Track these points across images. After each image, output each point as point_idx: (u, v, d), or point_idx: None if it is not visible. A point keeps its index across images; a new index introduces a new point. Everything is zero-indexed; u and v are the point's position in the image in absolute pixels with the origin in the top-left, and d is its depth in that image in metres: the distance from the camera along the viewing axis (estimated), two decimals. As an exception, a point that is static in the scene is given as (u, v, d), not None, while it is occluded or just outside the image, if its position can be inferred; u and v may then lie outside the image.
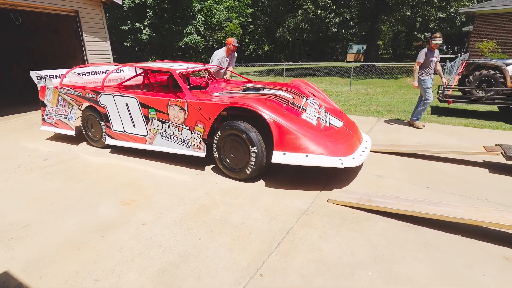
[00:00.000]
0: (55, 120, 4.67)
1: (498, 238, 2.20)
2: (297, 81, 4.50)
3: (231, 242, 2.23)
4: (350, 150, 3.01)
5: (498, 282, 1.80)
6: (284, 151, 2.85)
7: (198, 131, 3.32)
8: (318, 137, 2.94)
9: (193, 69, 4.13)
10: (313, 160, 2.77)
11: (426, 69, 5.04)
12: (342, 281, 1.83)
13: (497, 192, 2.93)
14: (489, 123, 5.57)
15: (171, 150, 3.58)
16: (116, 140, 4.08)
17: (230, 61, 5.38)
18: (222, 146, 3.23)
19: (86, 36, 7.97)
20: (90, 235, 2.34)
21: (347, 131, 3.35)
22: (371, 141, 3.60)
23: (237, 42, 5.33)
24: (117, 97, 3.86)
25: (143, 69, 4.34)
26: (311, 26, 17.55)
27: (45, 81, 4.60)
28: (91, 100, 4.14)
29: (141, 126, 3.76)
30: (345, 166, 2.78)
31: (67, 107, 4.46)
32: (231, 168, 3.24)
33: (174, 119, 3.46)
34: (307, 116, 3.31)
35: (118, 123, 3.98)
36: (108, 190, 3.09)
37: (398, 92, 10.16)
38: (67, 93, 4.36)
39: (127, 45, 19.47)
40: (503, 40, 12.43)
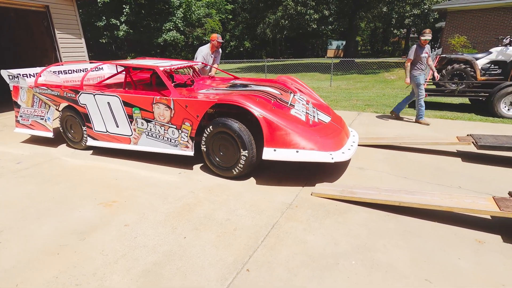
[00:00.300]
0: (30, 121, 4.41)
1: (470, 223, 2.33)
2: (283, 77, 4.48)
3: (217, 239, 2.22)
4: (339, 144, 3.04)
5: (472, 264, 1.90)
6: (274, 148, 2.84)
7: (185, 130, 3.24)
8: (308, 133, 2.94)
9: (177, 66, 4.02)
10: (304, 155, 2.77)
11: (418, 65, 5.13)
12: (327, 271, 1.88)
13: (469, 179, 3.10)
14: (462, 115, 5.85)
15: (158, 150, 3.48)
16: (98, 141, 3.92)
17: (214, 57, 5.28)
18: (211, 144, 3.18)
19: (59, 33, 7.61)
20: (69, 239, 2.25)
21: (335, 126, 3.37)
22: (358, 135, 3.65)
23: (221, 38, 5.26)
24: (98, 96, 3.70)
25: (124, 66, 4.19)
26: (291, 22, 17.65)
27: (18, 80, 4.34)
28: (69, 100, 3.95)
29: (125, 125, 3.63)
30: (336, 161, 2.79)
31: (44, 107, 4.22)
32: (220, 166, 3.19)
33: (160, 118, 3.35)
34: (295, 112, 3.30)
35: (99, 123, 3.82)
36: (87, 192, 2.99)
37: (376, 86, 10.45)
38: (43, 93, 4.13)
39: (103, 42, 18.78)
40: (473, 36, 13.04)
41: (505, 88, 5.40)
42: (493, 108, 5.55)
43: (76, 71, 5.20)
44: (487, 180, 3.07)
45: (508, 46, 5.92)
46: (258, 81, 4.36)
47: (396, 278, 1.80)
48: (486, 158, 3.61)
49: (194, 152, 3.29)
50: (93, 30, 18.10)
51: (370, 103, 7.28)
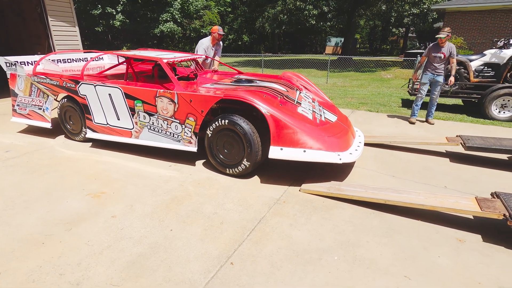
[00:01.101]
0: (28, 111, 4.29)
1: (453, 222, 2.38)
2: (288, 73, 4.37)
3: (203, 232, 2.24)
4: (347, 145, 2.98)
5: (451, 262, 1.95)
6: (281, 146, 2.77)
7: (189, 125, 3.16)
8: (315, 132, 2.86)
9: (181, 59, 3.90)
10: (311, 155, 2.70)
11: (427, 63, 5.02)
12: (310, 265, 1.91)
13: (456, 179, 3.15)
14: (453, 116, 5.91)
15: (160, 145, 3.40)
16: (98, 134, 3.82)
17: (216, 50, 5.17)
18: (215, 140, 3.10)
19: (52, 20, 7.47)
20: (55, 229, 2.25)
21: (342, 126, 3.29)
22: (363, 135, 3.59)
23: (222, 30, 5.10)
24: (99, 87, 3.59)
25: (126, 57, 4.08)
26: (290, 17, 17.54)
27: (16, 68, 4.21)
28: (69, 90, 3.84)
29: (126, 118, 3.54)
30: (343, 162, 2.72)
31: (42, 97, 4.09)
32: (224, 164, 3.13)
33: (163, 112, 3.26)
34: (302, 110, 3.21)
35: (100, 115, 3.72)
36: (76, 182, 2.98)
37: (372, 85, 10.48)
38: (42, 82, 4.00)
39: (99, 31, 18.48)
40: (469, 37, 13.10)
41: (497, 90, 5.46)
42: (484, 110, 5.61)
43: (75, 60, 5.10)
44: (473, 180, 3.12)
45: (502, 48, 5.96)
46: (263, 77, 4.27)
47: (376, 274, 1.84)
48: (473, 159, 3.67)
49: (197, 147, 3.21)
50: (89, 19, 17.78)
51: (364, 101, 7.31)
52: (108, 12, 17.01)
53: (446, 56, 4.85)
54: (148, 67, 4.95)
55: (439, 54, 4.84)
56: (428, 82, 5.14)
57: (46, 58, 4.44)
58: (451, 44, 4.88)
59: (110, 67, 4.42)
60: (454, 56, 4.84)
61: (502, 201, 2.21)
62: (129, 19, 17.80)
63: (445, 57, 4.86)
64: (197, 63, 4.68)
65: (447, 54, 4.83)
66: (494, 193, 2.36)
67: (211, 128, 3.07)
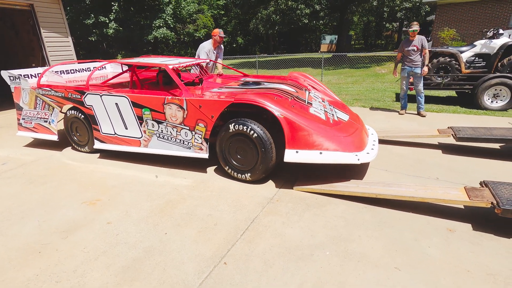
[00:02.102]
0: (33, 124, 4.23)
1: (444, 212, 2.41)
2: (295, 73, 4.30)
3: (197, 234, 2.27)
4: (363, 144, 2.90)
5: (441, 252, 1.98)
6: (296, 149, 2.70)
7: (199, 131, 3.10)
8: (330, 132, 2.78)
9: (186, 64, 3.85)
10: (328, 157, 2.63)
11: (404, 58, 5.26)
12: (302, 262, 1.94)
13: (448, 170, 3.18)
14: (447, 108, 5.95)
15: (170, 153, 3.33)
16: (106, 144, 3.76)
17: (217, 54, 5.12)
18: (227, 146, 3.03)
19: (44, 32, 7.52)
20: (51, 237, 2.28)
21: (355, 124, 3.22)
22: (376, 133, 3.54)
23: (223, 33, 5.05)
24: (105, 97, 3.53)
25: (130, 65, 3.99)
26: (282, 17, 17.61)
27: (20, 81, 4.16)
28: (75, 101, 3.78)
29: (134, 127, 3.47)
30: (361, 162, 2.65)
31: (47, 109, 4.04)
32: (237, 169, 3.06)
33: (172, 119, 3.20)
34: (314, 111, 3.14)
35: (107, 125, 3.65)
36: (72, 191, 3.01)
37: (366, 81, 10.53)
38: (47, 94, 3.95)
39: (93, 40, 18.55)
40: (462, 29, 13.14)
41: (488, 80, 5.50)
42: (477, 101, 5.65)
43: (78, 70, 5.08)
44: (464, 170, 3.15)
45: (491, 39, 6.00)
46: (270, 78, 4.22)
47: (367, 267, 1.87)
48: (465, 150, 3.70)
49: (208, 154, 3.15)
50: (82, 28, 17.84)
51: (358, 98, 7.35)
52: (101, 21, 17.08)
53: (419, 48, 5.10)
54: (151, 74, 4.90)
55: (412, 47, 5.10)
56: (407, 75, 5.33)
57: (50, 70, 4.41)
58: (421, 36, 5.14)
59: (114, 76, 4.35)
60: (426, 47, 5.09)
61: (490, 190, 2.24)
62: (122, 26, 17.87)
63: (418, 49, 5.10)
64: (201, 67, 4.62)
65: (419, 46, 5.08)
66: (483, 182, 2.39)
67: (223, 133, 3.00)
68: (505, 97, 5.48)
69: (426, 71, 5.23)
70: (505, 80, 5.37)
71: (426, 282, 1.74)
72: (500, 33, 5.98)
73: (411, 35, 5.10)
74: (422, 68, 5.19)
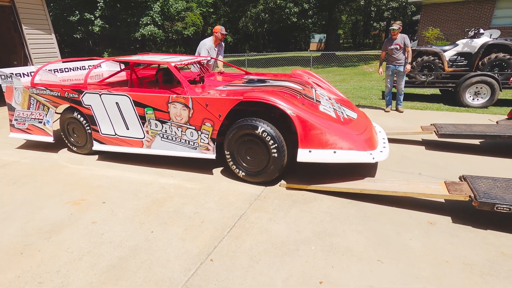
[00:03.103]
0: (27, 125, 4.04)
1: (425, 206, 2.48)
2: (298, 70, 4.19)
3: (184, 232, 2.27)
4: (375, 142, 2.86)
5: (421, 244, 2.04)
6: (310, 149, 2.62)
7: (205, 131, 2.99)
8: (343, 131, 2.72)
9: (187, 62, 3.73)
10: (342, 156, 2.56)
11: (388, 56, 5.39)
12: (287, 257, 1.97)
13: (430, 166, 3.27)
14: (431, 105, 6.10)
15: (174, 153, 3.21)
16: (106, 145, 3.61)
17: (218, 51, 5.03)
18: (236, 147, 2.92)
19: (26, 29, 7.31)
20: (34, 238, 2.24)
21: (365, 122, 3.17)
22: (383, 130, 3.51)
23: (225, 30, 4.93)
24: (104, 96, 3.37)
25: (129, 63, 3.85)
26: (271, 16, 17.64)
27: (12, 80, 3.95)
28: (72, 101, 3.60)
29: (136, 128, 3.34)
30: (376, 161, 2.60)
31: (42, 109, 3.84)
32: (247, 171, 2.97)
33: (176, 118, 3.08)
34: (324, 109, 3.05)
35: (107, 125, 3.50)
36: (56, 191, 2.95)
37: (354, 79, 10.67)
38: (41, 94, 3.76)
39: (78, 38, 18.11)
40: (446, 28, 13.48)
41: (470, 78, 5.67)
42: (459, 98, 5.82)
43: (73, 69, 4.92)
44: (446, 166, 3.25)
45: (473, 38, 6.19)
46: (273, 76, 4.11)
47: (351, 260, 1.91)
48: (447, 146, 3.82)
49: (216, 154, 3.05)
50: (66, 25, 17.36)
51: (346, 96, 7.42)
52: (87, 18, 16.67)
53: (401, 46, 5.21)
54: (149, 72, 4.76)
55: (395, 45, 5.22)
56: (391, 74, 5.46)
57: (43, 69, 4.24)
58: (403, 34, 5.25)
59: (112, 74, 4.20)
60: (408, 45, 5.21)
61: (469, 184, 2.32)
62: (109, 24, 17.50)
63: (401, 47, 5.22)
64: (202, 65, 4.51)
65: (401, 44, 5.20)
66: (462, 176, 2.48)
67: (231, 133, 2.89)
68: (485, 95, 5.67)
69: (409, 69, 5.38)
70: (485, 78, 5.55)
71: (407, 273, 1.80)
72: (481, 32, 6.18)
73: (393, 33, 5.22)
74: (405, 66, 5.31)
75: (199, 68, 4.50)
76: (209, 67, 4.89)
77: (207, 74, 4.38)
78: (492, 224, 2.21)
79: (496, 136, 3.38)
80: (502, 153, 3.53)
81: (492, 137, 3.40)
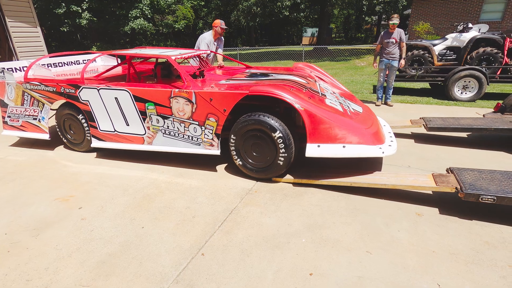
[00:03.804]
0: (21, 122, 3.90)
1: (414, 198, 2.53)
2: (300, 64, 4.12)
3: (175, 227, 2.26)
4: (383, 136, 2.84)
5: (409, 235, 2.09)
6: (318, 143, 2.58)
7: (209, 126, 2.91)
8: (352, 125, 2.68)
9: (187, 55, 3.62)
10: (351, 150, 2.52)
11: (382, 50, 5.38)
12: (278, 250, 1.98)
13: (419, 159, 3.33)
14: (421, 99, 6.18)
15: (177, 150, 3.14)
16: (105, 142, 3.50)
17: (217, 46, 4.97)
18: (241, 142, 2.86)
19: (10, 21, 7.07)
20: (21, 236, 2.20)
21: (371, 116, 3.14)
22: (388, 124, 3.50)
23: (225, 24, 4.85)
24: (103, 91, 3.25)
25: (127, 56, 3.73)
26: (263, 9, 17.48)
27: (4, 75, 3.79)
28: (69, 96, 3.47)
29: (137, 123, 3.24)
30: (386, 155, 2.56)
31: (36, 106, 3.70)
32: (252, 168, 2.91)
33: (179, 114, 3.00)
34: (330, 102, 3.00)
35: (106, 121, 3.39)
36: (43, 188, 2.90)
37: (346, 73, 10.71)
38: (36, 89, 3.61)
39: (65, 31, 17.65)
40: (436, 22, 13.60)
41: (458, 72, 5.76)
42: (448, 92, 5.91)
43: (67, 63, 4.78)
44: (434, 158, 3.31)
45: (462, 32, 6.26)
46: (275, 70, 4.04)
47: (340, 252, 1.94)
48: (435, 139, 3.88)
49: (220, 150, 2.98)
50: (53, 18, 16.89)
51: (337, 90, 7.47)
52: (74, 10, 16.23)
53: (397, 41, 5.22)
54: (146, 67, 4.63)
55: (391, 39, 5.22)
56: (384, 68, 5.47)
57: (37, 63, 4.08)
58: (400, 29, 5.25)
59: (108, 68, 4.06)
60: (403, 40, 5.23)
61: (455, 176, 2.37)
62: (97, 17, 17.09)
63: (397, 41, 5.23)
64: (201, 59, 4.43)
65: (398, 38, 5.21)
66: (449, 168, 2.53)
67: (236, 129, 2.82)
68: (473, 89, 5.77)
69: (403, 64, 5.42)
70: (473, 72, 5.64)
71: (395, 263, 1.83)
72: (470, 27, 6.25)
73: (391, 27, 5.20)
74: (399, 61, 5.35)
75: (199, 62, 4.42)
76: (208, 62, 4.82)
77: (207, 68, 4.29)
78: (477, 215, 2.27)
79: (482, 129, 3.45)
80: (488, 146, 3.61)
81: (479, 130, 3.47)
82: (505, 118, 3.65)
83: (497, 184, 2.19)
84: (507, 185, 2.17)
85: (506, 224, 2.16)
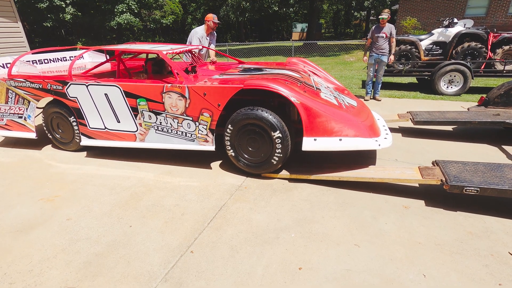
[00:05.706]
0: (5, 121, 3.77)
1: (401, 191, 2.57)
2: (293, 59, 4.09)
3: (164, 225, 2.23)
4: (378, 129, 2.85)
5: (396, 227, 2.12)
6: (315, 137, 2.57)
7: (203, 121, 2.86)
8: (348, 118, 2.68)
9: (179, 50, 3.55)
10: (348, 143, 2.53)
11: (373, 44, 5.40)
12: (268, 245, 1.99)
13: (406, 152, 3.38)
14: (408, 93, 6.27)
15: (170, 146, 3.08)
16: (96, 140, 3.41)
17: (210, 40, 4.87)
18: (236, 138, 2.83)
19: (-11, 16, 6.80)
20: (4, 238, 2.13)
21: (366, 110, 3.15)
22: (382, 118, 3.53)
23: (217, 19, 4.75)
24: (92, 87, 3.16)
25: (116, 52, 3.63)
26: (252, 4, 17.35)
27: None
28: (56, 93, 3.35)
29: (128, 120, 3.16)
30: (382, 147, 2.57)
31: (22, 103, 3.58)
32: (248, 163, 2.88)
33: (172, 109, 2.93)
34: (325, 96, 2.99)
35: (96, 119, 3.30)
36: (27, 188, 2.82)
37: (335, 68, 10.77)
38: (20, 86, 3.49)
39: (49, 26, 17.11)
40: (423, 18, 13.79)
41: (444, 67, 5.85)
42: (434, 86, 6.01)
43: (53, 60, 4.63)
44: (420, 152, 3.37)
45: (447, 27, 6.36)
46: (269, 64, 4.01)
47: (329, 246, 1.96)
48: (422, 132, 3.95)
49: (215, 146, 2.93)
50: (35, 13, 16.32)
51: (327, 85, 7.51)
52: (57, 4, 15.72)
53: (387, 36, 5.26)
54: (135, 63, 4.53)
55: (381, 34, 5.25)
56: (374, 62, 5.52)
57: (21, 59, 3.92)
58: (390, 24, 5.29)
59: (97, 64, 3.91)
60: (393, 36, 5.28)
61: (440, 168, 2.42)
62: (81, 11, 16.62)
63: (387, 36, 5.26)
64: (193, 55, 4.36)
65: (388, 33, 5.24)
66: (434, 161, 2.58)
67: (235, 120, 2.77)
68: (458, 83, 5.88)
69: (392, 59, 5.45)
70: (458, 66, 5.75)
71: (382, 255, 1.86)
72: (455, 22, 6.36)
73: (381, 22, 5.22)
74: (389, 57, 5.39)
75: (191, 57, 4.34)
76: (201, 57, 4.74)
77: (199, 63, 4.22)
78: (461, 206, 2.33)
79: (467, 122, 3.53)
80: (472, 138, 3.70)
81: (463, 123, 3.55)
82: (489, 111, 3.74)
83: (480, 175, 2.25)
84: (489, 176, 2.23)
85: (489, 214, 2.22)
